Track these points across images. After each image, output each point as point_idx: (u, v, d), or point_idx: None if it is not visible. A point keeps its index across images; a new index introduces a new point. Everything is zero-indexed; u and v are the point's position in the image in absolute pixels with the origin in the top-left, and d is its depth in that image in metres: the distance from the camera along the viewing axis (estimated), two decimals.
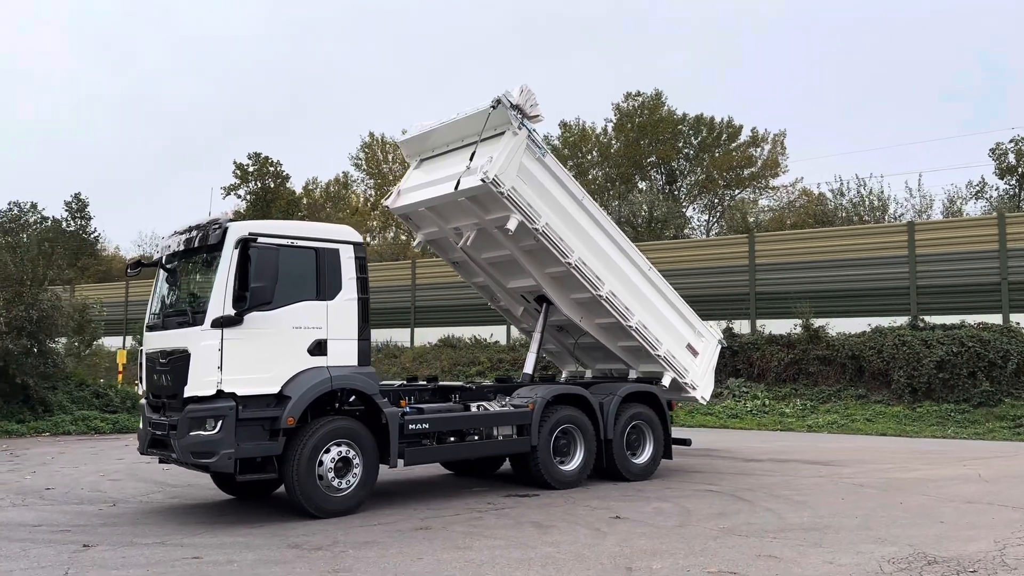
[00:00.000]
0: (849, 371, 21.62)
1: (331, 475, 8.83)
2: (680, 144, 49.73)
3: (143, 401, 9.62)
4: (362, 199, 49.43)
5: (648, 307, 11.82)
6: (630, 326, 11.56)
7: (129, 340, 34.01)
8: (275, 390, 8.64)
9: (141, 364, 9.65)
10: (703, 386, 12.55)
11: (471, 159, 10.64)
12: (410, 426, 9.48)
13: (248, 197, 45.27)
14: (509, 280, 12.05)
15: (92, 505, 9.82)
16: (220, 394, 8.36)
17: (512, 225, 10.48)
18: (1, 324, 19.14)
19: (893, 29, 79.04)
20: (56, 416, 19.60)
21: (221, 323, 8.41)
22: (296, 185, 48.73)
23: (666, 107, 49.03)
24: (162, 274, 9.75)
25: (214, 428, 8.26)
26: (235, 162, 45.54)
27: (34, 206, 54.23)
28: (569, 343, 12.84)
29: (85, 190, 73.62)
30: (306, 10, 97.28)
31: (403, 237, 48.59)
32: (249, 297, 8.45)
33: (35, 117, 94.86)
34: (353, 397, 9.46)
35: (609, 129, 49.31)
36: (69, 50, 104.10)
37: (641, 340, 11.73)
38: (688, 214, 50.32)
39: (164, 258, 9.66)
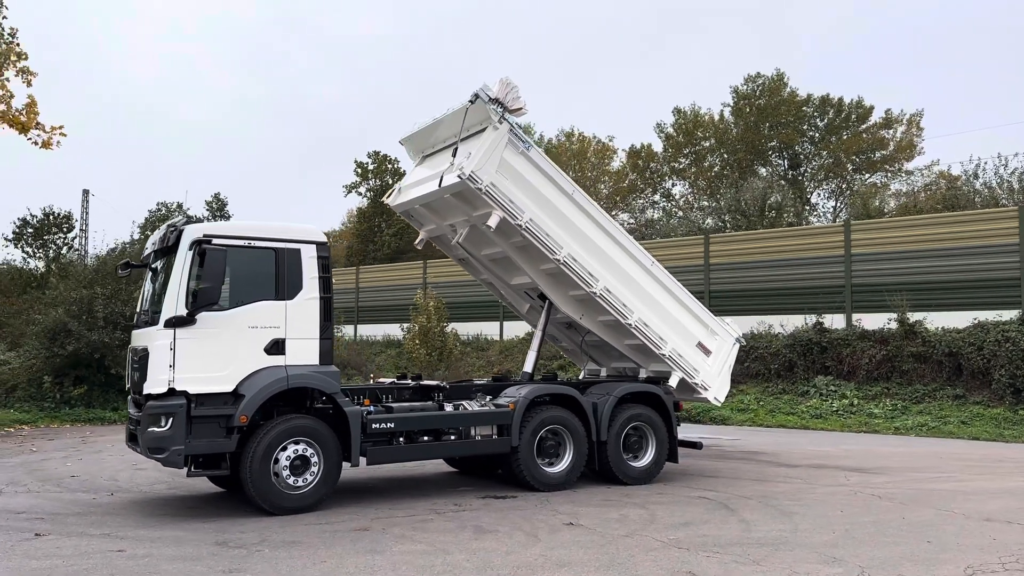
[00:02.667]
0: (946, 369, 20.01)
1: (286, 473, 8.96)
2: (805, 127, 47.46)
3: (130, 397, 10.07)
4: None
5: (651, 304, 11.33)
6: (629, 324, 11.13)
7: None
8: (229, 388, 8.85)
9: (128, 361, 10.10)
10: (716, 387, 11.91)
11: (453, 155, 10.57)
12: (373, 425, 9.49)
13: (368, 194, 46.70)
14: (510, 277, 11.87)
15: (91, 494, 10.38)
16: (172, 392, 8.64)
17: (493, 222, 10.32)
18: (100, 319, 20.62)
19: None
20: None
21: (174, 323, 8.68)
22: None
23: (789, 88, 46.88)
24: (148, 273, 10.16)
25: (165, 425, 8.56)
26: (356, 161, 47.10)
27: (179, 206, 57.97)
28: (577, 341, 12.51)
29: (235, 188, 77.97)
30: (437, 11, 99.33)
31: None
32: (196, 297, 8.69)
33: (195, 119, 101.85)
34: (325, 396, 9.55)
35: (726, 114, 47.70)
36: (224, 56, 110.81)
37: (643, 338, 11.27)
38: (813, 200, 48.06)
39: (145, 258, 10.07)
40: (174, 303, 8.72)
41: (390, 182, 46.87)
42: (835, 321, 22.52)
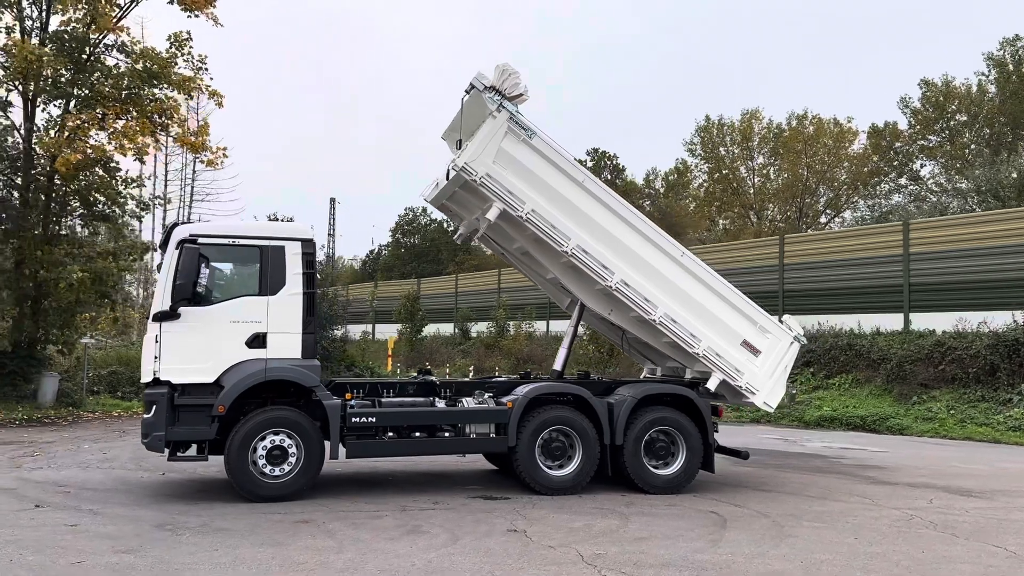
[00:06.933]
0: None
1: (263, 462, 9.28)
2: None
3: None
4: (698, 184, 48.40)
5: (680, 299, 10.38)
6: (653, 320, 10.29)
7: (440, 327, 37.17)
8: (211, 379, 9.32)
9: None
10: (766, 390, 10.60)
11: (458, 147, 10.41)
12: (353, 419, 9.55)
13: None
14: (543, 271, 11.38)
15: (144, 473, 11.37)
16: (157, 381, 9.28)
17: (492, 214, 10.04)
18: None
19: None
20: None
21: (160, 317, 9.32)
22: (637, 176, 49.55)
23: None
24: None
25: (151, 412, 9.22)
26: (575, 159, 47.42)
27: (424, 210, 61.75)
28: (619, 338, 11.73)
29: None
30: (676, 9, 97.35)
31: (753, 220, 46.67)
32: (173, 294, 9.25)
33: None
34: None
35: (986, 84, 42.02)
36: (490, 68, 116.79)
37: (671, 336, 10.36)
38: None
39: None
40: (160, 299, 9.37)
41: (608, 178, 46.71)
42: None
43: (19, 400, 19.18)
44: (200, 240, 9.43)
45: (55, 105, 19.62)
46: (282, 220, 32.14)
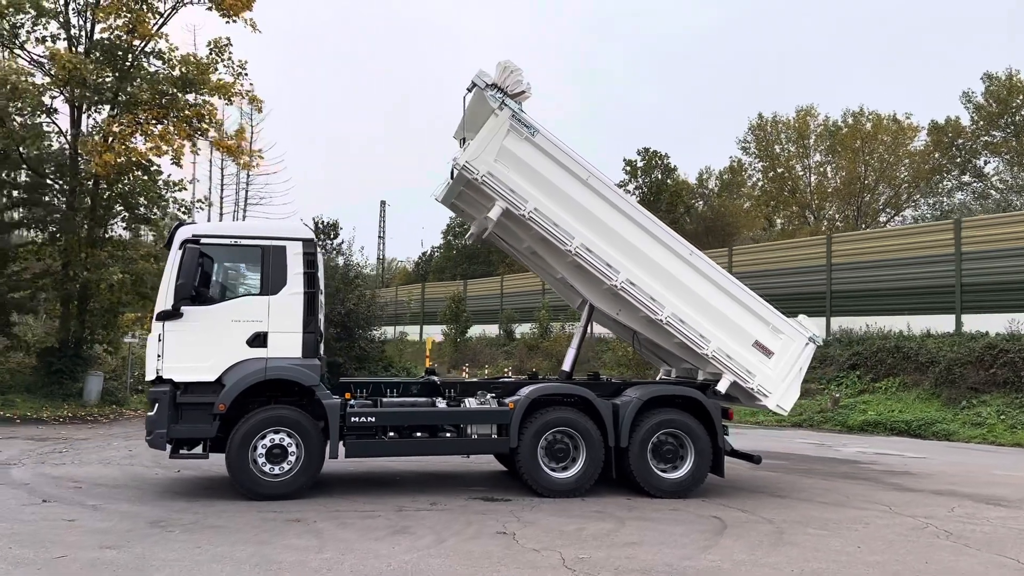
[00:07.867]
0: None
1: (263, 460, 9.32)
2: None
3: None
4: (752, 183, 47.51)
5: (689, 299, 10.13)
6: (660, 320, 10.06)
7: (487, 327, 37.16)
8: (212, 378, 9.38)
9: None
10: (779, 393, 10.26)
11: (461, 145, 10.35)
12: (353, 418, 9.54)
13: (636, 192, 46.37)
14: (552, 271, 11.23)
15: (160, 470, 11.54)
16: (160, 380, 9.40)
17: (494, 213, 9.96)
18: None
19: None
20: None
21: (162, 316, 9.43)
22: (691, 175, 49.00)
23: None
24: None
25: (153, 410, 9.34)
26: (624, 159, 47.03)
27: None
28: (631, 339, 11.49)
29: None
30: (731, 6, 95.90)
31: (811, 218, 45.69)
32: (175, 293, 9.35)
33: None
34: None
35: None
36: (550, 71, 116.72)
37: (680, 336, 10.11)
38: None
39: None
40: (163, 298, 9.48)
41: (659, 177, 46.17)
42: None
43: (65, 398, 19.72)
44: (202, 240, 9.53)
45: (97, 111, 20.13)
46: (327, 223, 32.43)
